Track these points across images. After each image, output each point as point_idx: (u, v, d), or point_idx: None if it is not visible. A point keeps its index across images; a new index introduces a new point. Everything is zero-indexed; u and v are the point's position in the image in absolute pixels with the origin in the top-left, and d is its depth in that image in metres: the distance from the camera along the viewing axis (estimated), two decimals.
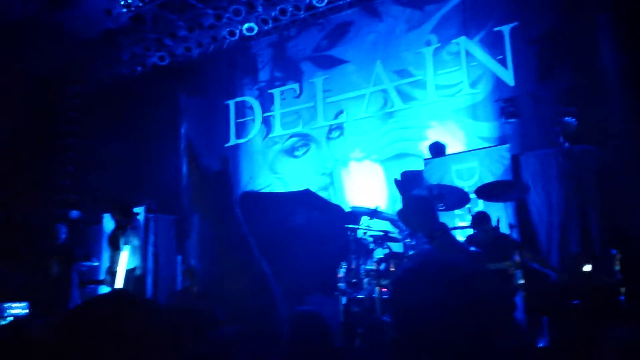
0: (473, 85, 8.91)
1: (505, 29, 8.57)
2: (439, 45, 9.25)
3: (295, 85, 10.72)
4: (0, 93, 8.61)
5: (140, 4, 9.81)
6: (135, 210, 8.76)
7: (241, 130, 11.14)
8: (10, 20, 8.79)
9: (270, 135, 10.85)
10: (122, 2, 9.71)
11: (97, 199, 9.67)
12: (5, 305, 7.16)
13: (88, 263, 8.36)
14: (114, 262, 6.52)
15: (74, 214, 9.18)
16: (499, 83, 8.65)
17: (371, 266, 5.50)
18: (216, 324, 1.81)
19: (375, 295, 5.11)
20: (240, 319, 1.22)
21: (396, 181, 3.00)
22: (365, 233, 5.96)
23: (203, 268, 7.87)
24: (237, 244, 1.19)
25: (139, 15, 10.05)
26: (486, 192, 5.25)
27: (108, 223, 8.94)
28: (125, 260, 6.33)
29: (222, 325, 1.61)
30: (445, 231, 1.62)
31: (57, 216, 9.49)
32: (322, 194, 9.21)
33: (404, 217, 1.69)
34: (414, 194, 1.71)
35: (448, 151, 7.64)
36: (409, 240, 5.44)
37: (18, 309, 7.41)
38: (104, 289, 6.92)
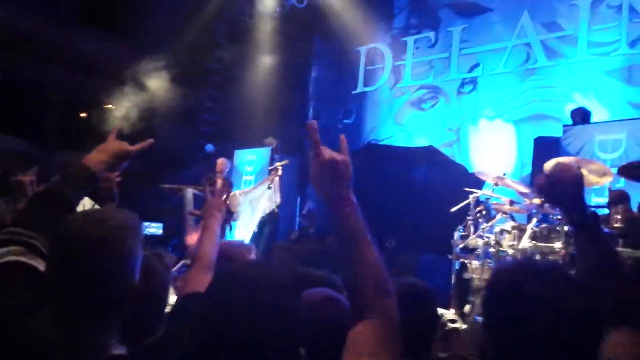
0: (632, 44, 7.90)
1: None
2: None
3: (431, 34, 10.27)
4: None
5: None
6: (263, 149, 9.21)
7: (370, 77, 11.01)
8: None
9: (398, 85, 10.62)
10: None
11: (230, 135, 10.29)
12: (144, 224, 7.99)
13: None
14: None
15: (209, 147, 9.81)
16: None
17: (490, 234, 5.30)
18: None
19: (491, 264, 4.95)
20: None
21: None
22: (488, 199, 5.71)
23: (319, 211, 8.12)
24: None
25: None
26: (630, 170, 4.73)
27: (238, 159, 9.53)
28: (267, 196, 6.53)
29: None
30: (596, 217, 1.44)
31: (197, 148, 10.28)
32: (446, 151, 8.93)
33: (548, 186, 1.48)
34: (569, 164, 1.51)
35: (593, 118, 6.96)
36: (535, 212, 5.14)
37: (154, 228, 8.21)
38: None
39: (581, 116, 6.89)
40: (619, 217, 4.74)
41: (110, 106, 9.88)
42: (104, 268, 1.21)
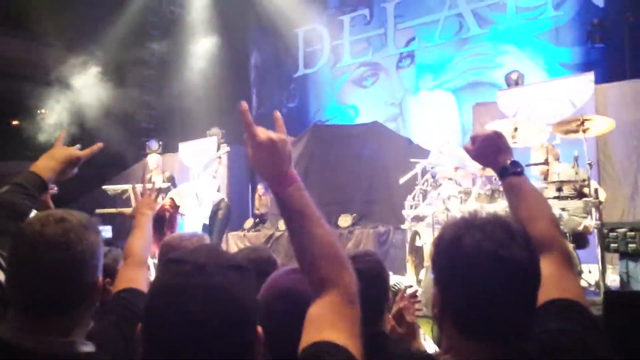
0: (557, 7, 8.21)
1: None
2: None
3: (366, 11, 10.34)
4: None
5: None
6: (208, 139, 9.07)
7: (310, 59, 10.99)
8: None
9: (338, 65, 10.65)
10: None
11: (174, 128, 10.07)
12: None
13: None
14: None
15: (152, 143, 9.56)
16: (586, 4, 7.91)
17: (439, 201, 5.42)
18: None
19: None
20: None
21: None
22: (434, 167, 5.84)
23: (272, 199, 8.10)
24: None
25: None
26: (563, 127, 4.93)
27: (184, 152, 9.35)
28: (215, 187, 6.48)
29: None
30: (521, 169, 1.50)
31: (140, 145, 10.01)
32: (390, 125, 9.05)
33: (472, 150, 1.57)
34: (486, 130, 1.59)
35: (526, 81, 7.20)
36: (479, 175, 5.29)
37: (103, 231, 7.97)
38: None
39: (515, 80, 7.11)
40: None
41: (42, 111, 9.46)
42: (64, 267, 1.19)
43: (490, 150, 1.50)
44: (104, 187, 6.75)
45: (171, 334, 0.93)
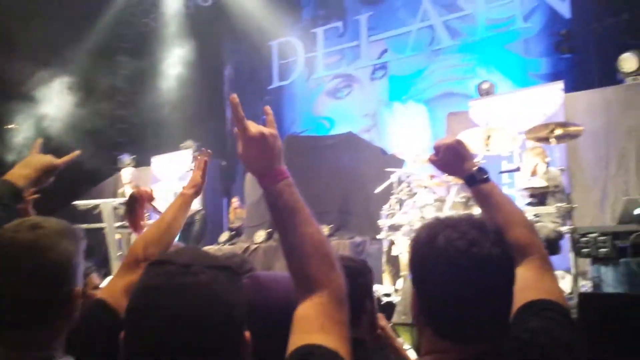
0: (526, 18, 8.41)
1: None
2: None
3: (339, 24, 10.43)
4: None
5: None
6: (182, 152, 8.98)
7: (284, 71, 11.01)
8: None
9: (313, 77, 10.69)
10: None
11: (147, 142, 9.94)
12: None
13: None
14: None
15: (124, 157, 9.43)
16: (554, 15, 8.12)
17: (414, 209, 5.44)
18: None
19: None
20: None
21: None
22: (409, 176, 5.87)
23: (247, 210, 8.03)
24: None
25: None
26: (535, 134, 5.02)
27: (157, 165, 9.22)
28: None
29: None
30: (488, 175, 1.50)
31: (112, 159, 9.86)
32: (365, 136, 9.10)
33: (437, 161, 1.57)
34: (448, 139, 1.59)
35: (497, 91, 7.33)
36: (453, 183, 5.33)
37: None
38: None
39: (486, 89, 7.23)
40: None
41: (12, 126, 9.25)
42: (36, 275, 1.14)
43: (454, 159, 1.51)
44: (74, 202, 6.59)
45: (155, 335, 0.89)
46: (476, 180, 1.45)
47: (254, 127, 1.15)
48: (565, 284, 4.10)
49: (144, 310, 0.91)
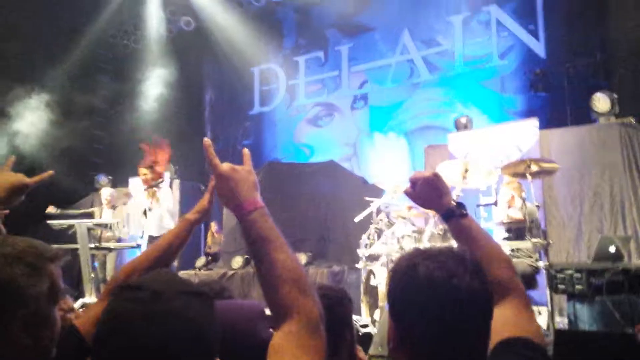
0: (502, 56, 8.69)
1: None
2: (468, 13, 9.00)
3: (320, 53, 10.58)
4: None
5: None
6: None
7: (265, 98, 11.08)
8: None
9: (294, 104, 10.79)
10: None
11: (124, 163, 9.82)
12: None
13: None
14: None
15: (101, 178, 9.30)
16: (529, 54, 8.42)
17: (393, 240, 5.49)
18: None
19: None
20: None
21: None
22: (387, 207, 5.94)
23: (225, 235, 7.98)
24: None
25: None
26: (511, 169, 5.16)
27: (134, 187, 9.11)
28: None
29: None
30: (466, 210, 1.53)
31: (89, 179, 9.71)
32: (345, 165, 9.18)
33: (412, 193, 1.59)
34: (422, 172, 1.61)
35: (474, 125, 7.51)
36: (431, 214, 5.41)
37: None
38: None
39: (464, 124, 7.40)
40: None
41: None
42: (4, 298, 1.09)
43: (431, 193, 1.52)
44: (49, 222, 6.45)
45: None
46: (455, 215, 1.48)
47: (225, 165, 1.23)
48: (542, 319, 4.16)
49: (109, 336, 0.91)
